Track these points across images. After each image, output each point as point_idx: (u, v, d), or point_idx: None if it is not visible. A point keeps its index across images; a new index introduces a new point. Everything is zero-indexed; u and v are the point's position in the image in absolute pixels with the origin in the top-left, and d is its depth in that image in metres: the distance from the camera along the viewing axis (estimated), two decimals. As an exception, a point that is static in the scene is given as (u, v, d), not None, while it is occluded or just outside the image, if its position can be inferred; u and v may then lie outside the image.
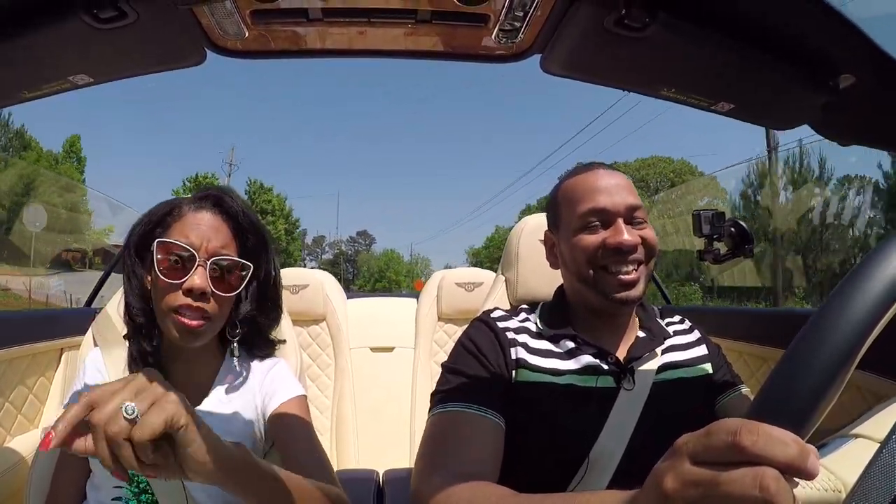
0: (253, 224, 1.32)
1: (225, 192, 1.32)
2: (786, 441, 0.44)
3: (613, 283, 1.21)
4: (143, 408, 0.73)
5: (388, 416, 2.98)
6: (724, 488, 0.45)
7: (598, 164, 1.33)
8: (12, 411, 1.86)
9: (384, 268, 60.27)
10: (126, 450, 0.72)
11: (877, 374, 1.48)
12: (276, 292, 1.41)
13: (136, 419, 0.72)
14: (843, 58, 0.90)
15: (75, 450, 0.74)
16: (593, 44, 0.92)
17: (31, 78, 0.94)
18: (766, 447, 0.44)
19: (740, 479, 0.44)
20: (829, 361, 0.48)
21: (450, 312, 3.02)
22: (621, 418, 1.18)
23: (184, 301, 1.17)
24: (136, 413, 0.73)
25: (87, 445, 0.74)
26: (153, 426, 0.72)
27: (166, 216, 1.28)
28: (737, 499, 0.44)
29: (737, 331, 2.21)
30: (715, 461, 0.47)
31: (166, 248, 1.20)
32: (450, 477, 0.99)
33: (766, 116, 1.11)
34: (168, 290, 1.18)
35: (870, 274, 0.51)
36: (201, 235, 1.21)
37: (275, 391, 1.33)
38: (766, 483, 0.43)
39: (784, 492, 0.43)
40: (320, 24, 0.95)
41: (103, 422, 0.72)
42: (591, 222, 1.24)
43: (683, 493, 0.48)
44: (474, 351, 1.24)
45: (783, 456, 0.44)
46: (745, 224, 1.46)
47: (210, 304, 1.20)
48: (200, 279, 1.18)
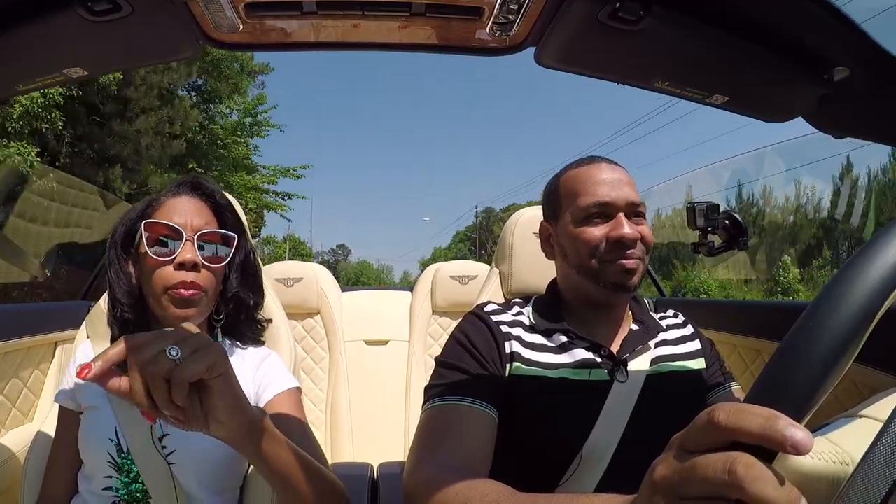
0: (229, 203, 1.39)
1: (199, 178, 1.39)
2: (756, 412, 0.44)
3: (615, 269, 1.23)
4: (185, 353, 0.77)
5: (382, 409, 2.98)
6: (699, 472, 0.45)
7: (601, 157, 1.34)
8: (6, 405, 1.86)
9: (359, 273, 68.85)
10: (162, 390, 0.75)
11: (872, 367, 1.48)
12: (256, 273, 1.45)
13: (178, 361, 0.76)
14: (838, 50, 0.90)
15: (110, 387, 0.76)
16: (587, 36, 0.92)
17: (26, 71, 0.93)
18: (737, 419, 0.45)
19: (712, 463, 0.45)
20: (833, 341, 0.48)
21: (444, 305, 3.02)
22: (614, 411, 1.18)
23: (178, 277, 1.23)
24: (179, 355, 0.76)
25: (121, 384, 0.76)
26: (196, 369, 0.76)
27: (146, 209, 1.32)
28: (709, 483, 0.44)
29: (731, 323, 2.22)
30: (699, 446, 0.48)
31: (153, 228, 1.24)
32: (442, 469, 1.00)
33: (760, 109, 1.11)
34: (158, 267, 1.23)
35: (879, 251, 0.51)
36: (184, 215, 1.27)
37: (268, 383, 1.34)
38: (734, 467, 0.43)
39: (759, 479, 0.42)
40: (314, 17, 0.94)
41: (146, 360, 0.75)
42: (593, 214, 1.25)
43: (668, 480, 0.48)
44: (467, 345, 1.25)
45: (753, 426, 0.43)
46: (738, 216, 1.46)
47: (202, 276, 1.25)
48: (190, 252, 1.24)
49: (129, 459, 1.21)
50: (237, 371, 1.33)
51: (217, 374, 0.81)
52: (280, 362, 1.42)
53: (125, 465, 1.21)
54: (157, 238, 1.24)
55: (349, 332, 3.07)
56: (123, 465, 1.21)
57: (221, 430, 0.84)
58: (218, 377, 0.81)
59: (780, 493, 0.42)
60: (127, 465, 1.21)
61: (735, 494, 0.43)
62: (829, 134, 1.10)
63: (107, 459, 1.21)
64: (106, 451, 1.21)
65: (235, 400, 0.85)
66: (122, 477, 1.21)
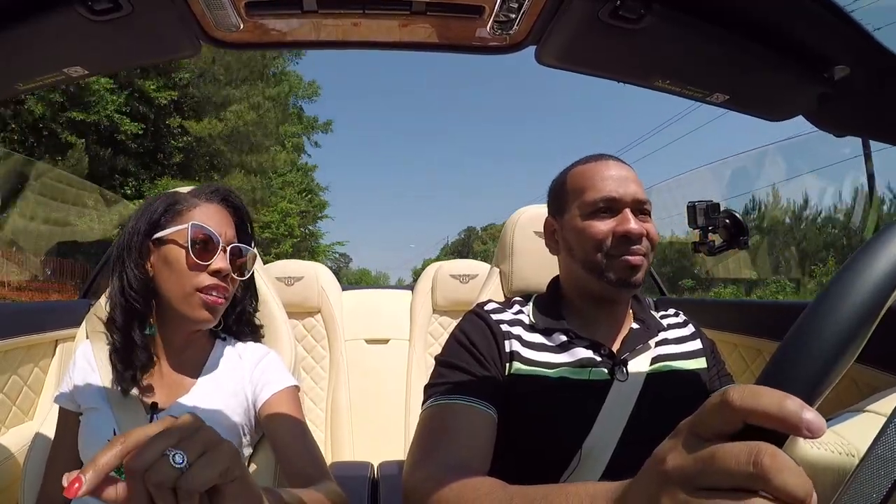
0: (250, 219, 1.43)
1: (228, 189, 1.42)
2: (772, 394, 0.43)
3: (620, 265, 1.23)
4: (191, 457, 0.66)
5: (382, 408, 2.98)
6: (720, 463, 0.44)
7: (609, 155, 1.34)
8: (7, 403, 1.86)
9: (359, 279, 73.68)
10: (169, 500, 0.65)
11: (873, 366, 1.48)
12: (253, 279, 1.48)
13: (185, 469, 0.65)
14: (839, 49, 0.90)
15: (106, 497, 0.66)
16: (588, 35, 0.92)
17: (26, 70, 0.93)
18: (753, 400, 0.44)
19: (736, 453, 0.43)
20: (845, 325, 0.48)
21: (444, 304, 3.02)
22: (614, 410, 1.18)
23: (211, 281, 1.26)
24: (185, 462, 0.65)
25: (118, 493, 0.67)
26: (207, 477, 0.65)
27: (174, 205, 1.33)
28: (732, 474, 0.43)
29: (731, 323, 2.22)
30: (713, 430, 0.47)
31: (198, 231, 1.27)
32: (440, 468, 1.00)
33: (761, 108, 1.11)
34: (195, 269, 1.26)
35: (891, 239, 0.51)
36: (219, 223, 1.31)
37: (267, 381, 1.35)
38: (760, 458, 0.41)
39: (784, 469, 0.41)
40: (315, 16, 0.94)
41: (143, 469, 0.65)
42: (600, 209, 1.26)
43: (684, 471, 0.47)
44: (467, 344, 1.25)
45: (770, 407, 0.43)
46: (739, 215, 1.46)
47: (230, 286, 1.30)
48: (224, 262, 1.28)
49: None
50: (235, 370, 1.34)
51: (231, 479, 0.68)
52: (279, 361, 1.43)
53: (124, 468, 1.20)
54: (199, 240, 1.27)
55: (350, 330, 3.07)
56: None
57: None
58: (233, 481, 0.69)
59: (801, 482, 0.41)
60: None
61: (759, 486, 0.42)
62: (829, 132, 1.10)
63: None
64: None
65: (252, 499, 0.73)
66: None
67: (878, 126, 1.04)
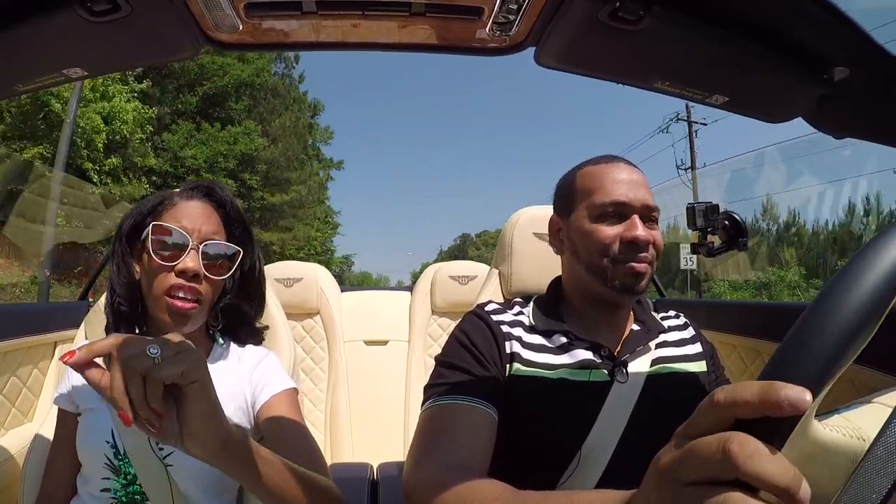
0: (239, 214, 1.38)
1: (214, 183, 1.38)
2: (752, 384, 0.44)
3: (625, 271, 1.22)
4: (166, 354, 0.77)
5: (382, 409, 2.98)
6: (695, 454, 0.45)
7: (620, 157, 1.32)
8: (6, 405, 1.86)
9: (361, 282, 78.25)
10: (139, 388, 0.75)
11: (871, 367, 1.48)
12: (258, 284, 1.44)
13: (157, 360, 0.76)
14: (838, 50, 0.90)
15: (89, 377, 0.77)
16: (587, 36, 0.92)
17: (25, 71, 0.94)
18: (736, 393, 0.45)
19: (707, 443, 0.44)
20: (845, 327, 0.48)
21: (443, 306, 3.02)
22: (614, 411, 1.18)
23: (176, 282, 1.22)
24: (159, 353, 0.76)
25: (102, 378, 0.77)
26: (173, 371, 0.76)
27: (157, 206, 1.31)
28: (706, 464, 0.44)
29: (730, 324, 2.22)
30: (701, 431, 0.47)
31: (161, 230, 1.23)
32: (440, 468, 1.00)
33: (760, 109, 1.11)
34: (161, 271, 1.23)
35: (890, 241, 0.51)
36: (194, 221, 1.26)
37: (266, 383, 1.33)
38: (728, 445, 0.42)
39: (750, 455, 0.42)
40: (314, 17, 0.94)
41: (127, 357, 0.75)
42: (609, 213, 1.24)
43: (669, 466, 0.48)
44: (468, 344, 1.24)
45: (749, 395, 0.44)
46: (738, 217, 1.46)
47: (202, 286, 1.24)
48: (193, 261, 1.23)
49: (126, 461, 1.20)
50: (233, 372, 1.34)
51: (193, 380, 0.79)
52: (277, 363, 1.42)
53: (122, 468, 1.21)
54: (163, 241, 1.23)
55: (349, 332, 3.06)
56: (120, 467, 1.21)
57: (195, 442, 0.81)
58: (194, 383, 0.79)
59: (777, 468, 0.41)
60: (124, 468, 1.21)
61: (731, 473, 0.42)
62: (828, 134, 1.10)
63: (103, 461, 1.21)
64: (102, 453, 1.21)
65: (211, 409, 0.82)
66: (120, 479, 1.21)
67: (878, 128, 1.04)
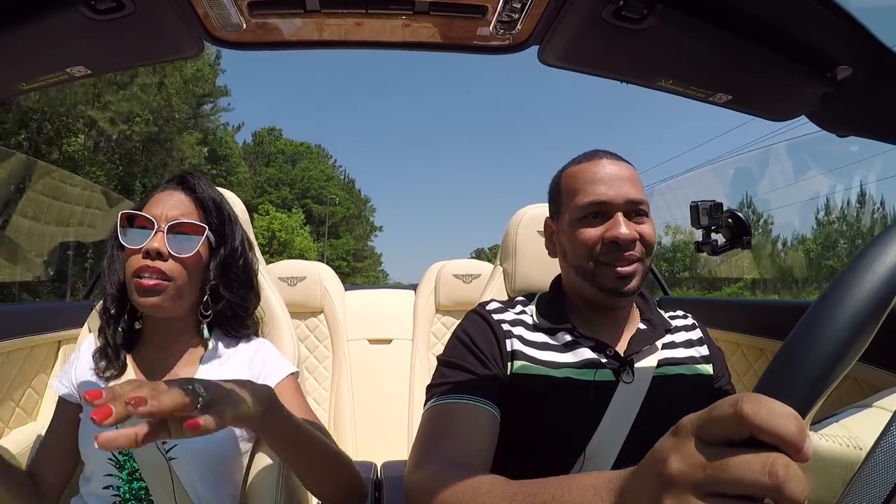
0: (213, 199, 1.39)
1: (188, 173, 1.41)
2: (786, 415, 0.43)
3: (610, 275, 1.20)
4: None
5: (385, 407, 2.98)
6: (733, 473, 0.44)
7: (604, 152, 1.30)
8: (10, 404, 1.86)
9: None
10: None
11: (875, 365, 1.47)
12: (244, 272, 1.43)
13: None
14: (841, 49, 0.90)
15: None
16: (591, 35, 0.92)
17: (29, 70, 0.94)
18: (768, 419, 0.43)
19: (750, 463, 0.43)
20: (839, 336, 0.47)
21: (448, 304, 3.01)
22: (620, 412, 1.17)
23: (142, 263, 1.24)
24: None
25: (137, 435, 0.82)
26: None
27: (143, 203, 1.35)
28: (746, 484, 0.43)
29: (734, 322, 2.21)
30: (719, 436, 0.46)
31: (127, 218, 1.28)
32: (442, 466, 0.99)
33: (763, 108, 1.11)
34: (130, 255, 1.26)
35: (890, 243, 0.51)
36: (162, 207, 1.30)
37: (267, 373, 1.34)
38: (776, 469, 0.42)
39: (794, 479, 0.42)
40: (318, 16, 0.94)
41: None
42: (590, 214, 1.23)
43: (690, 476, 0.46)
44: (469, 343, 1.24)
45: (783, 430, 0.43)
46: (742, 215, 1.45)
47: (167, 265, 1.26)
48: (157, 242, 1.25)
49: (130, 456, 1.21)
50: (232, 367, 1.34)
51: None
52: (274, 349, 1.43)
53: (126, 463, 1.22)
54: (129, 228, 1.27)
55: (353, 330, 3.06)
56: (124, 462, 1.22)
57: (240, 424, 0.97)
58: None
59: (804, 489, 0.42)
60: (128, 463, 1.22)
61: (772, 495, 0.42)
62: (832, 132, 1.09)
63: (108, 456, 1.22)
64: None
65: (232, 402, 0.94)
66: (123, 474, 1.22)
67: (882, 126, 1.04)
